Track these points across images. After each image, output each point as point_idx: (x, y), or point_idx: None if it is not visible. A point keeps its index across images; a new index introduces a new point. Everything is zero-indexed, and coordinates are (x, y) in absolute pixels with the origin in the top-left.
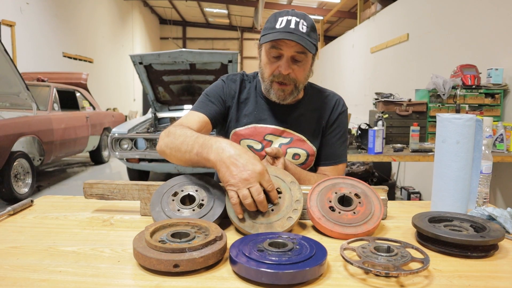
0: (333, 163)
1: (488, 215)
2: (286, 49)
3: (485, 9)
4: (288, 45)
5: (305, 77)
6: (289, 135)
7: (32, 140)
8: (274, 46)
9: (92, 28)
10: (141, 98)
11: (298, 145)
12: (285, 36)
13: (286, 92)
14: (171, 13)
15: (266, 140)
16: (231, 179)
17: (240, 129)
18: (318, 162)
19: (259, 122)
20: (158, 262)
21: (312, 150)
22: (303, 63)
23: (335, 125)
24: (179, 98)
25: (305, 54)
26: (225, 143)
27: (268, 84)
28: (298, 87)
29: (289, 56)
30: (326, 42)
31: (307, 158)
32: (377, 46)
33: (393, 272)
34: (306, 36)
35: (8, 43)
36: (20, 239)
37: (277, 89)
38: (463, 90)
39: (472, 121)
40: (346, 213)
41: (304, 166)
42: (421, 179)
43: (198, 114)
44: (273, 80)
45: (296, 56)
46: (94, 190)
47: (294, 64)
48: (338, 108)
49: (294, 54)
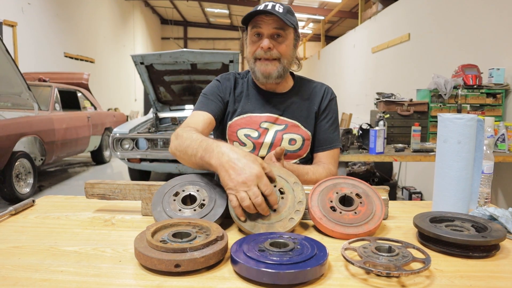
0: (328, 148)
1: (490, 215)
2: (264, 26)
3: (487, 8)
4: (266, 23)
5: (289, 53)
6: (283, 122)
7: (34, 140)
8: (254, 26)
9: (93, 28)
10: (142, 98)
11: (293, 131)
12: (262, 13)
13: (269, 67)
14: (172, 13)
15: (262, 128)
16: (229, 183)
17: (236, 119)
18: (313, 149)
19: (253, 112)
20: (159, 262)
21: (307, 134)
22: (284, 39)
23: (326, 111)
24: (180, 98)
25: (284, 30)
26: (225, 147)
27: (252, 64)
28: (282, 62)
29: (268, 33)
30: (327, 42)
31: (303, 143)
32: (378, 46)
33: (394, 272)
34: (283, 15)
35: (9, 43)
36: (21, 239)
37: (260, 64)
38: (465, 90)
39: (473, 121)
40: (347, 213)
41: (301, 151)
42: (423, 179)
43: (202, 113)
44: (256, 57)
45: (275, 33)
46: (95, 190)
47: (275, 40)
48: (328, 95)
49: (273, 31)
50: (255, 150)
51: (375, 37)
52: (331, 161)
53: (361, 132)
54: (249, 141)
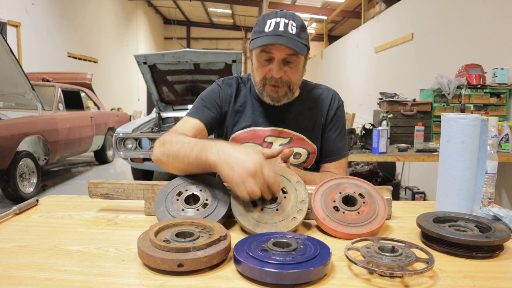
0: (336, 158)
1: (494, 216)
2: (276, 52)
3: (490, 8)
4: (279, 49)
5: (298, 78)
6: (288, 135)
7: (37, 140)
8: (265, 50)
9: (96, 28)
10: (145, 98)
11: (298, 144)
12: (275, 40)
13: (280, 94)
14: (175, 13)
15: (266, 142)
16: (231, 177)
17: (239, 133)
18: (321, 160)
19: (257, 125)
20: (162, 262)
21: (312, 148)
22: (295, 65)
23: (334, 121)
24: (183, 98)
25: (296, 56)
26: (224, 144)
27: (260, 87)
28: (292, 88)
29: (280, 59)
30: (330, 42)
31: (308, 157)
32: (381, 45)
33: (397, 272)
34: (296, 37)
35: (13, 43)
36: (25, 238)
37: (270, 90)
38: (468, 90)
39: (477, 121)
40: (350, 213)
41: (305, 164)
42: (426, 179)
43: (194, 120)
44: (265, 83)
45: (287, 58)
46: (99, 189)
47: (286, 66)
48: (334, 103)
49: (285, 56)
50: None
51: (378, 37)
52: (339, 170)
53: (364, 132)
54: None
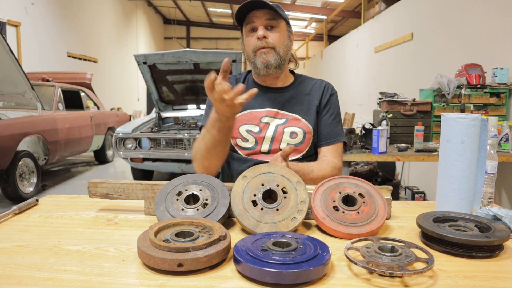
0: (332, 142)
1: (493, 215)
2: (257, 20)
3: (490, 8)
4: (258, 17)
5: (283, 42)
6: (283, 116)
7: (37, 140)
8: (248, 22)
9: (96, 28)
10: (145, 97)
11: (294, 124)
12: (253, 5)
13: (268, 56)
14: (175, 13)
15: (262, 123)
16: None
17: (237, 116)
18: (317, 144)
19: (254, 108)
20: (162, 261)
21: (308, 128)
22: (277, 28)
23: (328, 106)
24: (183, 97)
25: (276, 21)
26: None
27: (253, 57)
28: (278, 51)
29: (262, 25)
30: (330, 42)
31: (304, 136)
32: (381, 45)
33: (397, 272)
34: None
35: (13, 43)
36: (25, 238)
37: (259, 55)
38: (468, 90)
39: (477, 120)
40: (350, 213)
41: (302, 145)
42: (426, 179)
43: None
44: (255, 51)
45: (269, 24)
46: (98, 189)
47: (269, 31)
48: (328, 90)
49: (265, 22)
50: (257, 145)
51: (378, 37)
52: (335, 154)
53: (364, 132)
54: (251, 136)
